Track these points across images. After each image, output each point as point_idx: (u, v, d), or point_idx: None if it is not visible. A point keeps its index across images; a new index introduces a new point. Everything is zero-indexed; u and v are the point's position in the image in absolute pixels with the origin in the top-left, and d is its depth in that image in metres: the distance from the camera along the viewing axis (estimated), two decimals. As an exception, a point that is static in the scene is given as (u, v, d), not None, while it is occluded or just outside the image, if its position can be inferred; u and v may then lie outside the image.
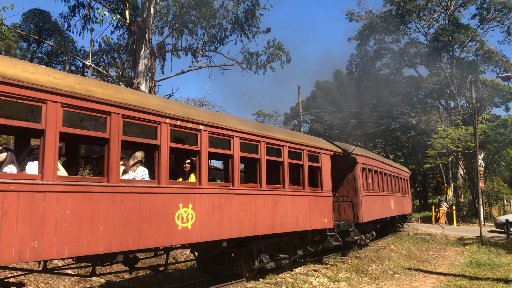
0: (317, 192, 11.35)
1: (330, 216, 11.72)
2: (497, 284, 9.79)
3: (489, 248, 16.77)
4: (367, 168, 15.03)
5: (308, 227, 10.65)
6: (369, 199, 14.73)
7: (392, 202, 18.73)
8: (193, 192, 7.36)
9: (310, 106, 57.53)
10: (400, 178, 21.86)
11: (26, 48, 30.65)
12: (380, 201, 16.49)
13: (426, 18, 45.23)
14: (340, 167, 13.77)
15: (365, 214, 13.92)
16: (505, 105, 48.30)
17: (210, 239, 7.59)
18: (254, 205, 8.80)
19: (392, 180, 19.56)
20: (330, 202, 11.83)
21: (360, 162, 14.21)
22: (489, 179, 38.24)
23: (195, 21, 23.26)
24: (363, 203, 13.83)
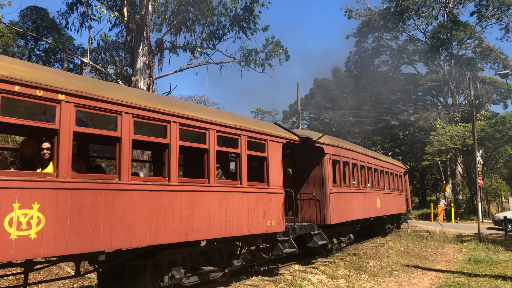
0: (261, 188, 9.25)
1: (279, 218, 9.59)
2: (495, 281, 9.81)
3: (487, 245, 16.81)
4: (340, 161, 13.05)
5: (246, 232, 8.60)
6: (342, 197, 12.75)
7: (378, 200, 16.81)
8: (41, 187, 5.31)
9: (308, 103, 57.52)
10: (392, 173, 20.01)
11: (24, 46, 30.56)
12: (359, 199, 14.42)
13: (424, 15, 45.20)
14: (305, 159, 12.16)
15: (334, 215, 11.98)
16: (503, 102, 48.41)
17: (72, 251, 5.52)
18: (156, 205, 6.69)
19: (379, 176, 17.65)
20: (280, 200, 9.73)
21: (330, 153, 12.25)
22: (487, 176, 38.35)
23: (193, 18, 23.19)
24: (332, 202, 11.89)
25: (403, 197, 21.70)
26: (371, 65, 50.98)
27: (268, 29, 24.52)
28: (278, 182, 9.83)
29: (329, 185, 11.87)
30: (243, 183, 8.76)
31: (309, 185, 12.06)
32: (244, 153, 8.85)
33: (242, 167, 8.78)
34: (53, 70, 6.23)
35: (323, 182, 11.87)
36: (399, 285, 9.93)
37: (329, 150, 12.19)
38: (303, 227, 11.15)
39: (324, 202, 11.76)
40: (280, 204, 9.75)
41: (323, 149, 11.84)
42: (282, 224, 9.72)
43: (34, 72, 5.50)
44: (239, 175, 8.75)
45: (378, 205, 16.70)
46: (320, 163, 11.96)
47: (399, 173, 21.77)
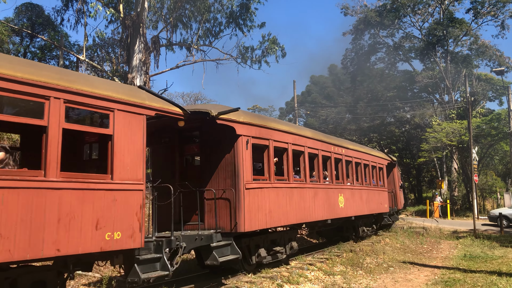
0: (93, 182, 6.25)
1: (132, 228, 6.58)
2: (490, 277, 9.88)
3: (482, 241, 16.91)
4: (270, 146, 10.01)
5: (53, 252, 5.61)
6: (269, 194, 9.66)
7: (342, 197, 13.61)
8: None
9: (305, 100, 57.52)
10: (368, 165, 16.74)
11: (19, 43, 30.39)
12: (304, 197, 11.28)
13: (420, 12, 45.24)
14: (215, 143, 9.27)
15: (252, 218, 8.91)
16: (499, 99, 48.58)
17: None
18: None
19: (346, 168, 14.53)
20: (134, 201, 6.68)
21: (247, 135, 9.19)
22: (483, 173, 38.52)
23: (189, 15, 23.15)
24: (249, 201, 8.87)
25: (385, 194, 18.44)
26: (367, 62, 51.03)
27: (264, 26, 24.53)
28: (134, 174, 6.74)
29: (244, 178, 8.81)
30: (50, 174, 5.67)
31: (218, 178, 9.08)
32: (57, 128, 5.81)
33: (50, 149, 5.72)
34: None
35: (236, 174, 8.80)
36: (395, 281, 9.98)
37: (245, 131, 9.13)
38: (192, 238, 8.14)
39: (236, 201, 8.72)
40: (135, 208, 6.65)
41: (234, 129, 8.81)
42: (138, 236, 6.65)
43: None
44: (44, 162, 5.68)
45: (341, 203, 13.50)
46: (232, 148, 8.95)
47: (380, 165, 18.41)
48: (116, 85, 7.81)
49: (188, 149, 9.87)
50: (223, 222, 8.85)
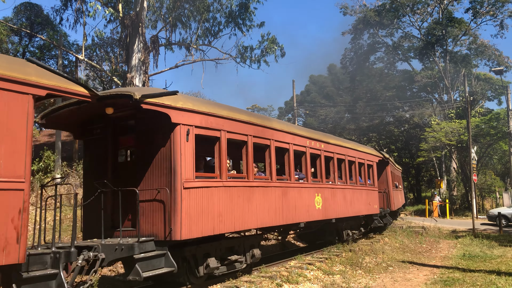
0: None
1: (5, 239, 5.06)
2: (489, 276, 9.89)
3: (481, 241, 16.93)
4: (222, 138, 8.48)
5: None
6: (216, 195, 8.12)
7: (320, 197, 12.12)
8: None
9: (304, 100, 57.53)
10: (355, 162, 15.21)
11: (18, 42, 30.37)
12: (267, 197, 9.65)
13: (419, 12, 45.30)
14: (151, 135, 7.78)
15: (192, 224, 7.44)
16: (498, 99, 48.68)
17: None
18: None
19: (326, 165, 13.15)
20: (11, 204, 5.17)
21: (188, 124, 7.67)
22: (481, 173, 38.56)
23: (188, 14, 23.13)
24: (187, 203, 7.39)
25: (375, 194, 16.79)
26: (366, 62, 51.09)
27: (263, 25, 24.50)
28: (11, 170, 5.23)
29: (182, 175, 7.36)
30: None
31: (153, 176, 7.59)
32: None
33: None
34: None
35: (172, 171, 7.35)
36: (394, 280, 9.99)
37: (185, 119, 7.63)
38: (112, 248, 6.64)
39: (171, 203, 7.24)
40: (11, 213, 5.14)
41: (169, 116, 7.32)
42: (15, 249, 5.12)
43: None
44: None
45: (319, 204, 12.04)
46: (168, 140, 7.46)
47: (370, 162, 16.75)
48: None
49: (123, 142, 8.45)
50: (157, 228, 7.33)
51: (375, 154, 17.93)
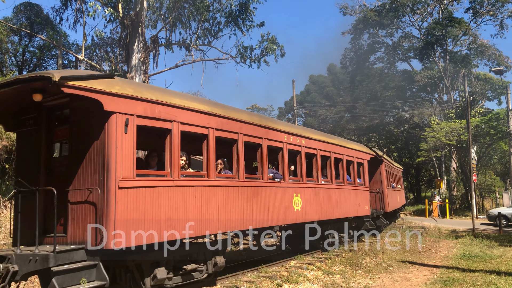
0: None
1: None
2: (489, 276, 9.89)
3: (481, 241, 16.92)
4: (174, 131, 7.37)
5: None
6: (164, 196, 7.07)
7: (299, 199, 10.93)
8: None
9: (304, 100, 57.53)
10: (342, 160, 13.89)
11: (18, 42, 30.36)
12: (233, 198, 8.59)
13: (419, 12, 45.34)
14: (83, 127, 6.78)
15: (129, 230, 6.43)
16: (497, 99, 48.69)
17: None
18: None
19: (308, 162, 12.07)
20: None
21: (127, 113, 6.60)
22: (481, 172, 38.59)
23: (188, 14, 23.11)
24: (123, 205, 6.39)
25: (365, 194, 15.67)
26: (366, 62, 51.14)
27: (263, 25, 24.48)
28: None
29: (118, 173, 6.28)
30: None
31: (85, 174, 6.50)
32: None
33: None
34: None
35: (105, 168, 6.23)
36: (394, 280, 9.99)
37: (123, 107, 6.50)
38: (26, 259, 5.77)
39: (104, 205, 6.18)
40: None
41: (101, 103, 6.22)
42: None
43: None
44: None
45: (298, 206, 10.88)
46: (102, 131, 6.35)
47: (360, 160, 15.47)
48: None
49: (58, 134, 7.31)
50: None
51: (366, 152, 16.64)
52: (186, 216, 7.34)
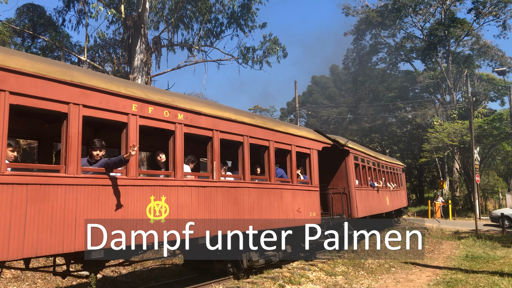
0: None
1: None
2: (492, 277, 9.86)
3: (484, 242, 16.87)
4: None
5: None
6: None
7: (164, 204, 6.88)
8: None
9: (306, 101, 57.49)
10: (269, 148, 9.74)
11: (21, 43, 30.43)
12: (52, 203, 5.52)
13: (422, 13, 45.24)
14: None
15: None
16: (500, 100, 48.50)
17: None
18: None
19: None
20: None
21: None
22: (484, 173, 38.46)
23: (190, 15, 23.16)
24: None
25: (313, 195, 11.51)
26: (368, 62, 51.07)
27: (265, 26, 24.54)
28: None
29: None
30: None
31: None
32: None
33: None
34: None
35: None
36: (397, 281, 9.97)
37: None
38: None
39: None
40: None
41: None
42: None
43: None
44: None
45: (158, 215, 6.90)
46: None
47: (304, 149, 11.37)
48: None
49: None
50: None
51: (316, 139, 12.30)
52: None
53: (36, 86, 5.47)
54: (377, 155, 19.63)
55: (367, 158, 16.84)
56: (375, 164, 18.15)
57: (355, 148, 15.43)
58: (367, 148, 21.90)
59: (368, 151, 17.79)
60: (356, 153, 15.50)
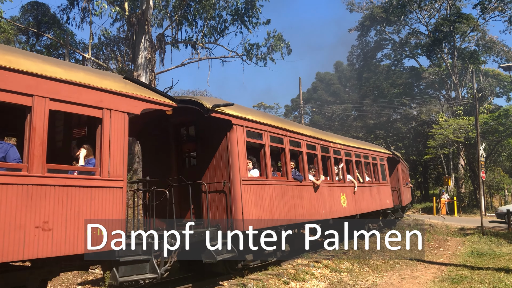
0: None
1: None
2: (498, 274, 9.81)
3: (490, 238, 16.80)
4: None
5: None
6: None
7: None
8: None
9: (311, 97, 57.41)
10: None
11: (25, 41, 30.53)
12: None
13: (427, 8, 44.94)
14: None
15: None
16: (506, 95, 48.19)
17: None
18: None
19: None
20: None
21: None
22: (490, 170, 38.28)
23: (194, 12, 23.14)
24: None
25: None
26: (373, 59, 50.87)
27: (269, 23, 24.48)
28: None
29: None
30: None
31: None
32: None
33: None
34: None
35: None
36: (402, 278, 9.95)
37: None
38: None
39: None
40: None
41: None
42: None
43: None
44: None
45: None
46: None
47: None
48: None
49: None
50: None
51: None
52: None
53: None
54: (323, 136, 13.38)
55: (290, 137, 11.02)
56: (316, 149, 12.43)
57: (249, 118, 9.38)
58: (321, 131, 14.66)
59: (295, 128, 11.64)
60: (253, 127, 9.57)
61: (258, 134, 9.79)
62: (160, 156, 9.58)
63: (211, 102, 8.39)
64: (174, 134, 9.61)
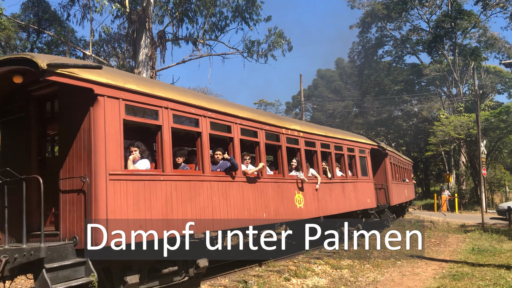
0: None
1: None
2: (498, 270, 9.82)
3: (491, 235, 16.81)
4: None
5: None
6: None
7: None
8: None
9: (312, 94, 57.35)
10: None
11: (26, 39, 30.51)
12: None
13: (428, 5, 44.80)
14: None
15: None
16: (508, 92, 48.12)
17: None
18: None
19: None
20: None
21: None
22: (491, 166, 38.26)
23: (195, 9, 23.10)
24: None
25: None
26: (374, 56, 50.78)
27: (270, 19, 24.43)
28: None
29: None
30: None
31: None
32: None
33: None
34: None
35: None
36: (402, 275, 9.97)
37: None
38: None
39: None
40: None
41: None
42: None
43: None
44: None
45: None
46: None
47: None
48: None
49: None
50: None
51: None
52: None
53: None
54: (270, 119, 10.36)
55: (211, 119, 8.16)
56: (258, 136, 9.64)
57: (130, 88, 6.65)
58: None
59: (218, 105, 8.59)
60: (139, 100, 6.79)
61: (150, 111, 6.97)
62: (20, 141, 7.07)
63: (51, 59, 5.64)
64: (36, 111, 7.01)
